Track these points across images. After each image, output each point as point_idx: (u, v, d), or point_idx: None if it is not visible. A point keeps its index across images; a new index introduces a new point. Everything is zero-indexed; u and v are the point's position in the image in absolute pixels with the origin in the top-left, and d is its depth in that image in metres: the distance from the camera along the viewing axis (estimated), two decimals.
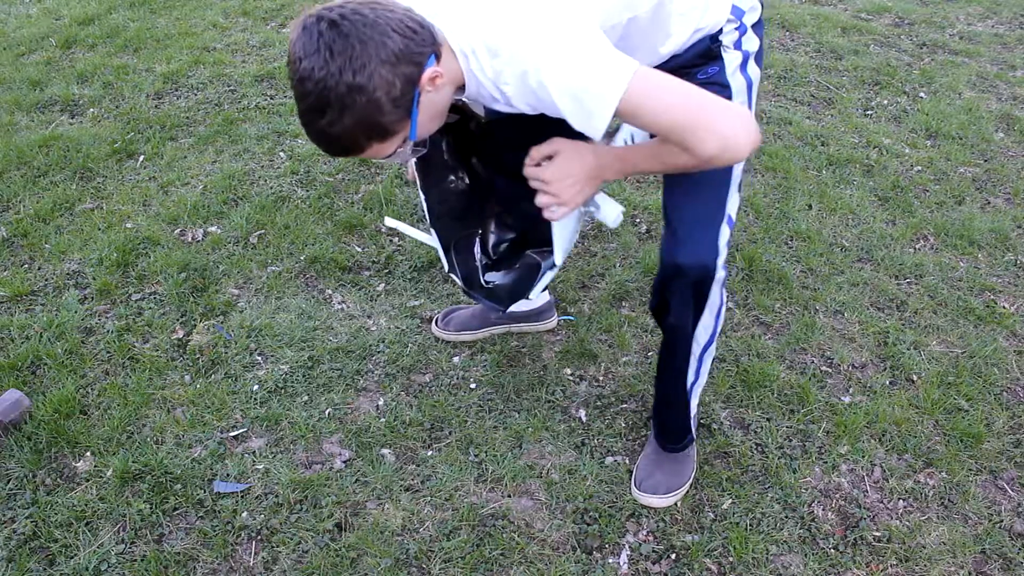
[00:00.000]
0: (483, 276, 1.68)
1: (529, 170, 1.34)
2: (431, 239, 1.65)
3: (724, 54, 1.41)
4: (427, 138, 1.32)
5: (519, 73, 1.15)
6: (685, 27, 1.36)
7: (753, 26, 1.45)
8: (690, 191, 1.43)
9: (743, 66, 1.44)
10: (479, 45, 1.18)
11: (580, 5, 1.19)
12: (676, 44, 1.38)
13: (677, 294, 1.45)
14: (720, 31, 1.40)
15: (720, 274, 1.45)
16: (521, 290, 1.58)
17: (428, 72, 1.15)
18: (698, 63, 1.41)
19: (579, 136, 1.23)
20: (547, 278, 1.53)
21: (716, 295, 1.50)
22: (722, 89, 1.41)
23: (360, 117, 1.12)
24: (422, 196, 1.61)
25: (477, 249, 1.71)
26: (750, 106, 1.47)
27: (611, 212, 1.44)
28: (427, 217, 1.63)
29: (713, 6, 1.38)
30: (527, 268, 1.64)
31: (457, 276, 1.66)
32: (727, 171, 1.44)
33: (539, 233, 1.56)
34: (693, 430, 1.75)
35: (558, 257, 1.46)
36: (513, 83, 1.18)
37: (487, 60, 1.19)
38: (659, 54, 1.39)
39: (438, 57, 1.17)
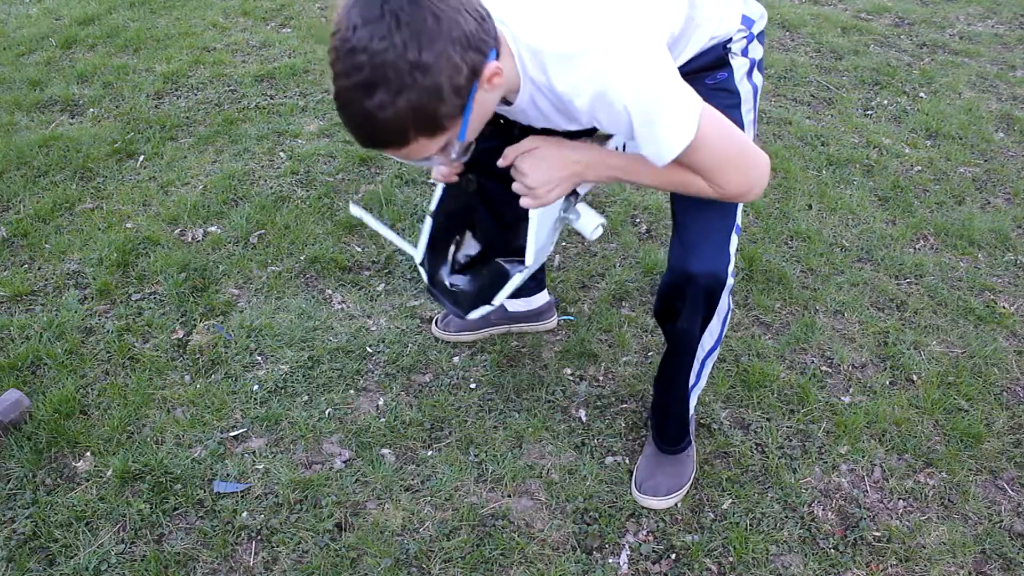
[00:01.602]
0: (447, 279, 1.61)
1: (508, 156, 1.29)
2: (391, 233, 1.56)
3: (732, 60, 1.42)
4: (468, 144, 1.20)
5: (597, 89, 1.10)
6: (702, 36, 1.37)
7: (758, 35, 1.47)
8: (702, 200, 1.43)
9: (749, 73, 1.45)
10: (547, 49, 1.11)
11: (647, 20, 1.15)
12: (691, 53, 1.39)
13: (688, 301, 1.45)
14: (730, 39, 1.41)
15: (729, 281, 1.45)
16: (486, 297, 1.50)
17: (491, 66, 1.03)
18: (708, 68, 1.41)
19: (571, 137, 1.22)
20: (513, 284, 1.45)
21: (724, 302, 1.50)
22: (730, 95, 1.42)
23: (416, 102, 0.98)
24: (441, 185, 1.54)
25: (451, 252, 1.64)
26: (754, 113, 1.49)
27: (590, 223, 1.41)
28: (433, 204, 1.56)
29: (728, 17, 1.39)
30: (494, 275, 1.58)
31: (424, 270, 1.58)
32: None
33: (511, 246, 1.52)
34: (691, 433, 1.75)
35: (529, 258, 1.39)
36: (588, 96, 1.11)
37: (556, 67, 1.11)
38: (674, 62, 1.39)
39: (498, 54, 1.07)
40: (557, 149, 1.28)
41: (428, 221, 1.57)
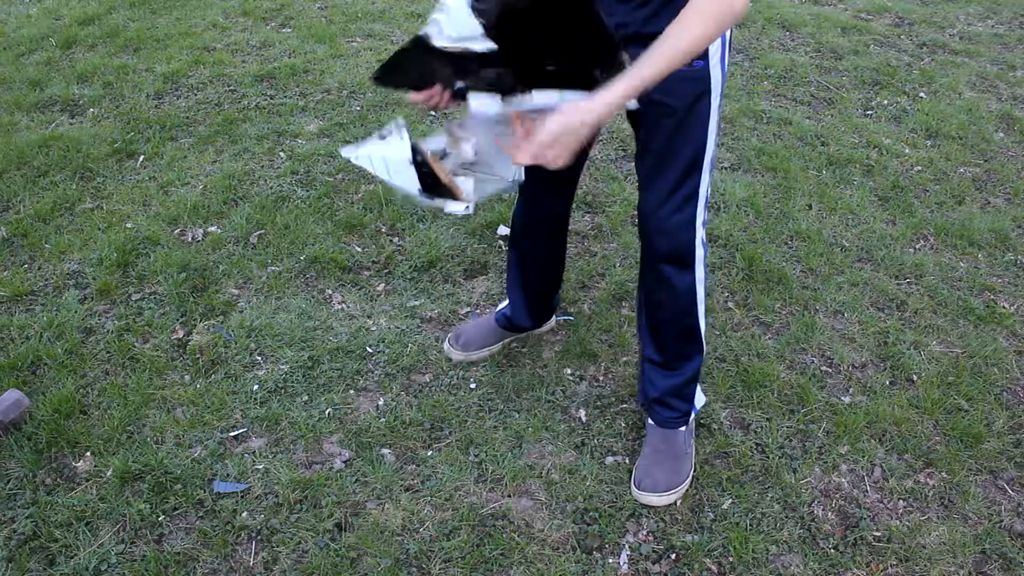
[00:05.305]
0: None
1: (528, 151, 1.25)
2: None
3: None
4: None
5: None
6: None
7: None
8: (660, 171, 1.42)
9: (722, 58, 1.41)
10: None
11: None
12: None
13: (651, 275, 1.45)
14: None
15: (699, 252, 1.45)
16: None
17: None
18: None
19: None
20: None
21: (700, 270, 1.51)
22: (702, 83, 1.38)
23: None
24: None
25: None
26: (720, 100, 1.44)
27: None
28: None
29: None
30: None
31: None
32: (700, 150, 1.42)
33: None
34: (694, 410, 1.76)
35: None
36: None
37: None
38: None
39: None
40: (565, 118, 1.21)
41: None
